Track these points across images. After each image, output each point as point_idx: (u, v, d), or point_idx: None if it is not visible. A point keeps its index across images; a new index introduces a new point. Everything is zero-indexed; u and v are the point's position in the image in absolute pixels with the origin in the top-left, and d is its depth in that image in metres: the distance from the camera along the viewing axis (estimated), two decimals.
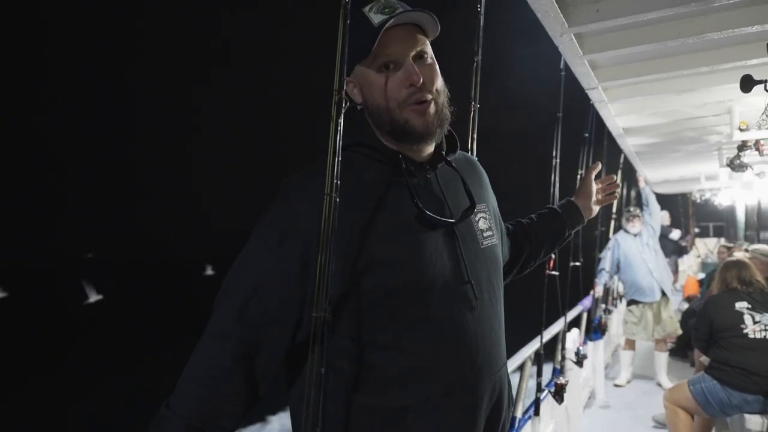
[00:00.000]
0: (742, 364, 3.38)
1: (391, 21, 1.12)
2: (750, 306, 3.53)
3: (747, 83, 2.02)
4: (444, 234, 1.19)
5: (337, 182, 1.06)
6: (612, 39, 2.40)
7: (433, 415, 1.12)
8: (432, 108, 1.18)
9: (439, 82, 1.21)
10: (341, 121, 1.11)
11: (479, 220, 1.29)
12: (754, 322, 3.47)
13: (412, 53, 1.16)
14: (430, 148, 1.25)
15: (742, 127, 3.36)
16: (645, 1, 2.01)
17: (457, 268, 1.18)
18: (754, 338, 3.43)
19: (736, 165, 3.95)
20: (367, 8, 1.16)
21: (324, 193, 1.06)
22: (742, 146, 3.80)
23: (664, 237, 11.59)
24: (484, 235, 1.28)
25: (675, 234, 11.88)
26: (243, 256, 1.16)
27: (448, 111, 1.23)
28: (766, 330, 3.44)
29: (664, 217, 11.70)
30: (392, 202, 1.16)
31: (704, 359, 4.00)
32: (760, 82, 2.02)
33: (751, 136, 3.35)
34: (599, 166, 1.80)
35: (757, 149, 3.69)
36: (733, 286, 3.68)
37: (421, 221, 1.16)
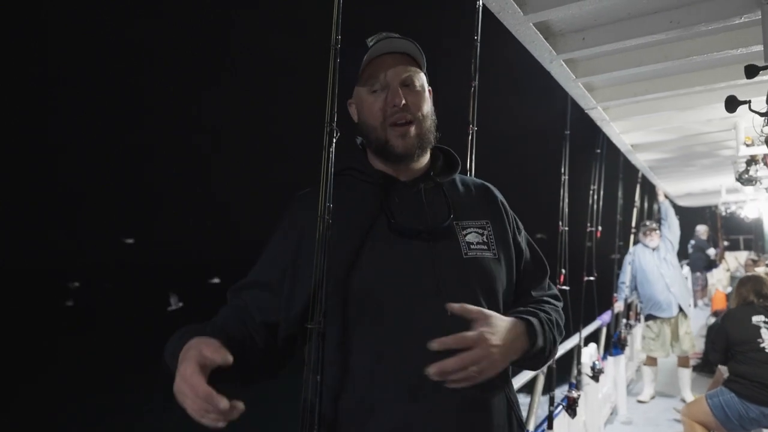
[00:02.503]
0: (760, 377, 3.37)
1: (378, 47, 1.28)
2: (767, 320, 3.52)
3: (732, 104, 2.09)
4: (418, 244, 1.24)
5: (329, 205, 1.20)
6: (603, 63, 2.50)
7: (399, 416, 1.16)
8: (413, 130, 1.28)
9: (426, 108, 1.31)
10: (332, 150, 1.27)
11: (468, 234, 1.30)
12: None
13: (400, 79, 1.28)
14: (418, 167, 1.34)
15: (747, 143, 3.39)
16: (628, 28, 2.12)
17: (426, 275, 1.21)
18: None
19: (745, 179, 3.98)
20: (370, 39, 1.31)
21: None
22: (751, 161, 3.84)
23: (701, 251, 11.42)
24: (471, 247, 1.28)
25: (712, 251, 11.73)
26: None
27: (432, 136, 1.33)
28: None
29: (703, 232, 11.53)
30: (367, 215, 1.27)
31: (723, 369, 3.98)
32: (744, 102, 2.09)
33: (756, 151, 3.39)
34: None
35: (765, 164, 3.73)
36: (750, 300, 3.68)
37: (392, 230, 1.24)
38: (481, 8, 2.06)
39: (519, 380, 3.21)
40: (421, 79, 1.32)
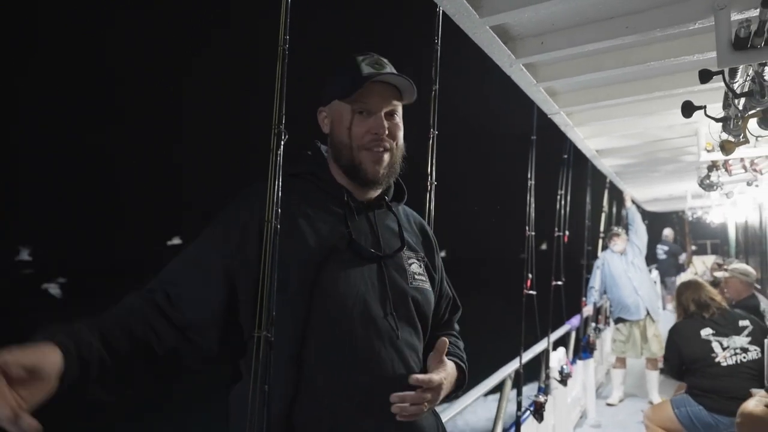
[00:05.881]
0: (724, 391, 3.37)
1: (381, 77, 1.31)
2: (714, 331, 3.53)
3: (688, 109, 2.11)
4: (373, 266, 1.30)
5: (277, 210, 1.18)
6: (563, 68, 2.51)
7: (347, 429, 1.18)
8: (387, 157, 1.34)
9: (401, 140, 1.38)
10: (280, 152, 1.24)
11: (411, 264, 1.38)
12: (723, 348, 3.47)
13: (386, 109, 1.34)
14: (375, 193, 1.40)
15: (708, 149, 3.44)
16: (586, 33, 2.12)
17: (380, 297, 1.28)
18: (728, 365, 3.43)
19: (706, 185, 4.05)
20: (360, 58, 1.34)
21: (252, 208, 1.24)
22: (712, 166, 3.91)
23: (674, 256, 11.64)
24: (415, 277, 1.37)
25: (683, 257, 11.98)
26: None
27: (399, 166, 1.39)
28: (736, 354, 3.44)
29: (669, 235, 11.76)
30: (330, 229, 1.28)
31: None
32: (700, 107, 2.12)
33: (716, 156, 3.43)
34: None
35: (726, 169, 3.80)
36: (691, 310, 3.69)
37: (351, 249, 1.28)
38: (441, 12, 2.05)
39: (486, 385, 3.21)
40: (401, 113, 1.39)
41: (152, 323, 1.14)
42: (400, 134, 1.38)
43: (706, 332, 3.55)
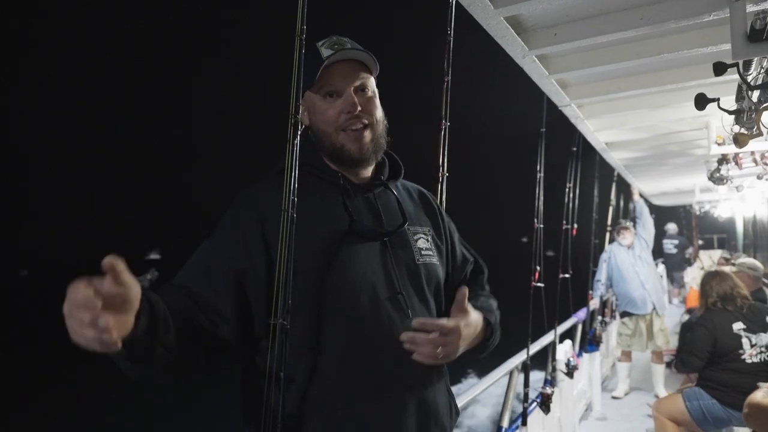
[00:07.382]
0: (741, 387, 3.32)
1: (337, 56, 1.29)
2: (745, 327, 3.48)
3: (701, 101, 2.11)
4: (377, 246, 1.29)
5: (294, 199, 1.19)
6: (576, 59, 2.51)
7: (362, 413, 1.19)
8: (368, 134, 1.33)
9: (379, 113, 1.36)
10: (297, 142, 1.24)
11: (418, 239, 1.37)
12: (751, 346, 3.43)
13: (354, 85, 1.32)
14: (368, 172, 1.39)
15: (718, 142, 3.43)
16: (599, 25, 2.12)
17: (387, 277, 1.27)
18: (752, 363, 3.41)
19: (716, 178, 4.04)
20: (320, 43, 1.33)
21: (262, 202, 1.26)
22: (722, 160, 3.90)
23: (683, 249, 11.66)
24: (422, 252, 1.36)
25: (690, 251, 11.99)
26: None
27: (385, 140, 1.38)
28: (762, 352, 3.41)
29: (673, 230, 11.76)
30: (329, 214, 1.28)
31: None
32: (713, 100, 2.11)
33: (727, 150, 3.43)
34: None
35: (736, 163, 3.78)
36: (712, 300, 3.63)
37: (354, 231, 1.27)
38: (454, 3, 2.05)
39: (494, 376, 3.23)
40: (372, 84, 1.37)
41: (192, 313, 1.16)
42: (377, 108, 1.36)
43: (737, 326, 3.48)
